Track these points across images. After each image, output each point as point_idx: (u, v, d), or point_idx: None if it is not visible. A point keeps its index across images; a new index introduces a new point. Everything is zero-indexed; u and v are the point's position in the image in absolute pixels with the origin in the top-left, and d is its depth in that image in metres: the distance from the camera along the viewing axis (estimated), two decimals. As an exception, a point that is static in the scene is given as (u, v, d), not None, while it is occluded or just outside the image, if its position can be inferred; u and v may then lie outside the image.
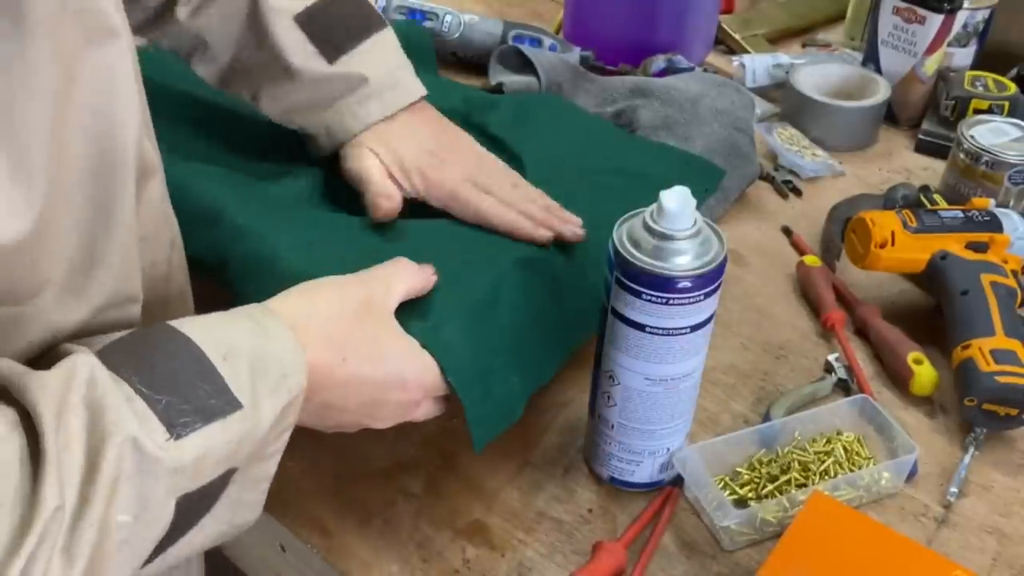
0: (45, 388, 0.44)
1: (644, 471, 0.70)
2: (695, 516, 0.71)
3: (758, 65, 1.19)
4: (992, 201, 0.91)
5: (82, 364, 0.45)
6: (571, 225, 0.76)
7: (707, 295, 0.62)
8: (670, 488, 0.71)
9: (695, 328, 0.63)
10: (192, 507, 0.48)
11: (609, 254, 0.63)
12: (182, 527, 0.49)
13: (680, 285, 0.60)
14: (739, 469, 0.72)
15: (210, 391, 0.48)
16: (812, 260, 0.91)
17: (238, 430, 0.48)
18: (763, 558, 0.64)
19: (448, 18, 1.21)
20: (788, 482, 0.71)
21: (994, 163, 0.95)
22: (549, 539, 0.69)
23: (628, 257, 0.61)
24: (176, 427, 0.46)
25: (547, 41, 1.19)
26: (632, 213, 0.64)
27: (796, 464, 0.72)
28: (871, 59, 1.16)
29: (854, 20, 1.32)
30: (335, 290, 0.60)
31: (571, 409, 0.78)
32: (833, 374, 0.81)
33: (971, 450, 0.75)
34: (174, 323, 0.50)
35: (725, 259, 0.62)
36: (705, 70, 1.20)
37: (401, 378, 0.60)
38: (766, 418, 0.77)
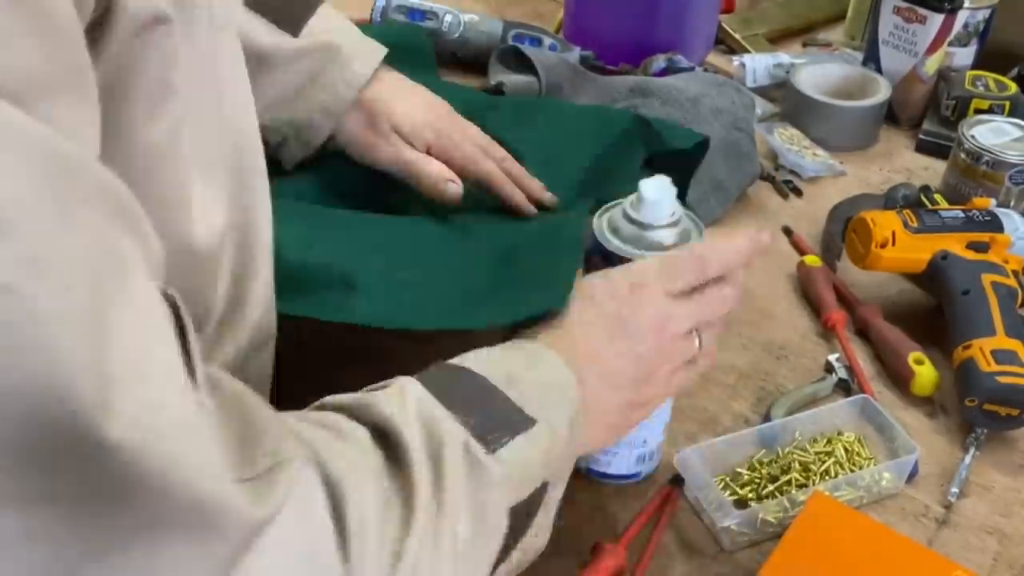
0: (389, 405, 0.47)
1: (621, 462, 0.70)
2: (695, 516, 0.71)
3: (758, 65, 1.19)
4: (993, 201, 0.91)
5: (410, 385, 0.49)
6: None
7: None
8: (670, 488, 0.71)
9: None
10: (520, 522, 0.51)
11: (590, 247, 0.64)
12: (508, 547, 0.51)
13: None
14: (739, 469, 0.72)
15: (506, 411, 0.51)
16: (813, 260, 0.91)
17: (542, 441, 0.51)
18: (763, 558, 0.64)
19: (448, 18, 1.21)
20: (788, 482, 0.71)
21: (995, 163, 0.95)
22: (550, 539, 0.69)
23: (610, 248, 0.62)
24: (490, 442, 0.49)
25: (547, 41, 1.19)
26: (611, 204, 0.65)
27: (796, 464, 0.72)
28: (871, 59, 1.16)
29: (854, 20, 1.32)
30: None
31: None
32: (834, 374, 0.81)
33: (972, 450, 0.75)
34: (452, 361, 0.54)
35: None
36: (705, 70, 1.19)
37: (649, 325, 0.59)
38: (766, 418, 0.77)
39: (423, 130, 0.82)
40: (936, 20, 1.08)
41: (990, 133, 0.98)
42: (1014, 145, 0.96)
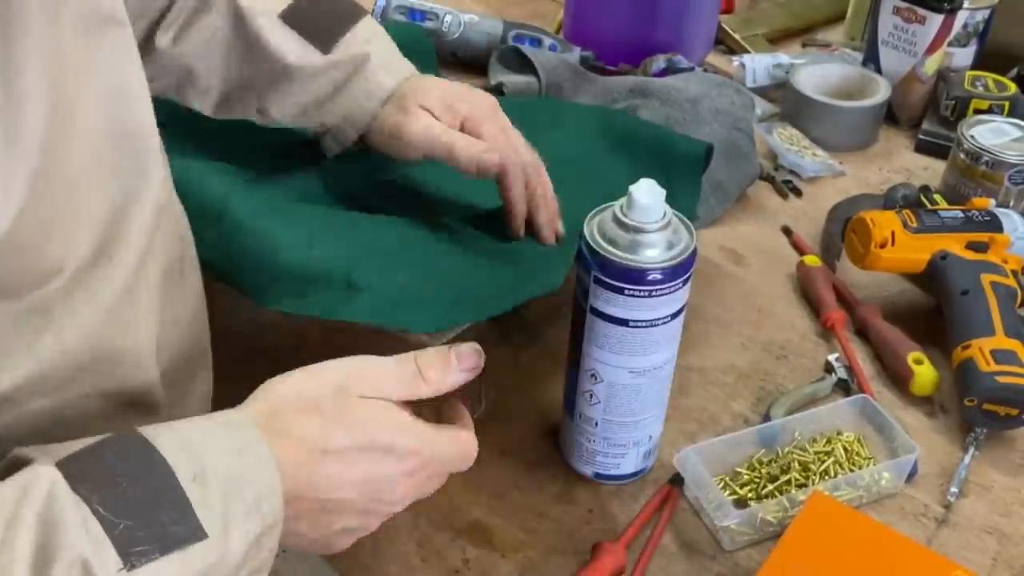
0: (6, 504, 0.41)
1: (629, 462, 0.71)
2: (695, 516, 0.71)
3: (758, 65, 1.19)
4: (992, 201, 0.91)
5: (43, 477, 0.42)
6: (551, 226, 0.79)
7: (684, 282, 0.63)
8: (670, 488, 0.71)
9: (675, 315, 0.64)
10: None
11: (585, 256, 0.63)
12: None
13: (661, 276, 0.61)
14: (739, 469, 0.72)
15: (175, 517, 0.44)
16: (812, 260, 0.91)
17: (202, 562, 0.44)
18: (763, 558, 0.64)
19: (448, 18, 1.21)
20: (788, 482, 0.71)
21: (994, 163, 0.95)
22: (549, 539, 0.69)
23: (607, 256, 0.61)
24: (131, 556, 0.42)
25: (547, 41, 1.19)
26: (597, 210, 0.64)
27: (796, 464, 0.72)
28: (871, 59, 1.16)
29: (854, 20, 1.32)
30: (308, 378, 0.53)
31: (571, 409, 0.78)
32: (833, 374, 0.81)
33: (971, 450, 0.75)
34: (148, 431, 0.46)
35: (695, 245, 0.63)
36: (705, 70, 1.20)
37: (390, 444, 0.52)
38: (766, 418, 0.77)
39: (457, 104, 0.77)
40: (936, 20, 1.08)
41: (989, 133, 0.98)
42: (1013, 145, 0.96)
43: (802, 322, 0.88)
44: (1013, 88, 1.09)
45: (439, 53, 1.16)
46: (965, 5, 1.12)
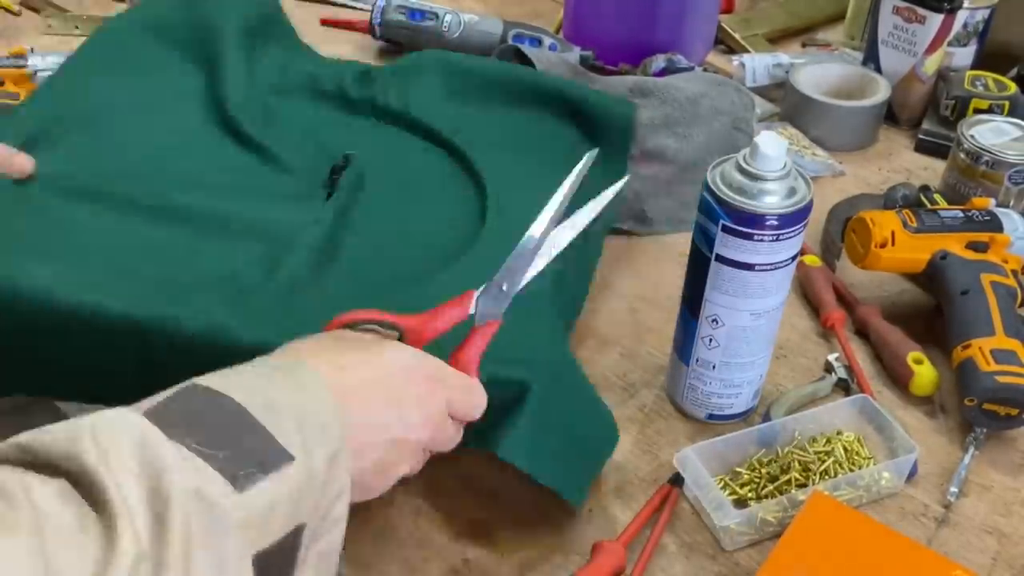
0: (93, 452, 0.41)
1: (743, 401, 0.77)
2: (695, 516, 0.71)
3: (758, 65, 1.19)
4: (992, 201, 0.91)
5: (132, 425, 0.43)
6: None
7: (804, 225, 0.68)
8: (670, 487, 0.71)
9: (794, 258, 0.70)
10: (271, 569, 0.46)
11: (711, 207, 0.67)
12: None
13: (786, 220, 0.66)
14: (739, 469, 0.72)
15: (260, 445, 0.47)
16: (812, 260, 0.91)
17: (296, 481, 0.47)
18: (763, 558, 0.64)
19: (448, 17, 1.21)
20: (788, 482, 0.71)
21: (994, 163, 0.95)
22: (549, 539, 0.69)
23: (738, 204, 0.66)
24: (238, 479, 0.44)
25: (547, 41, 1.19)
26: (718, 162, 0.69)
27: (796, 464, 0.72)
28: (871, 59, 1.16)
29: (854, 20, 1.32)
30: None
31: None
32: (833, 374, 0.81)
33: (971, 450, 0.75)
34: (203, 380, 0.49)
35: (812, 192, 0.68)
36: (705, 70, 1.20)
37: (408, 364, 0.57)
38: (766, 418, 0.77)
39: None
40: (935, 20, 1.08)
41: (989, 133, 0.98)
42: (1013, 145, 0.96)
43: (802, 322, 0.88)
44: (1013, 88, 1.09)
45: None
46: (965, 5, 1.12)
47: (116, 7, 1.33)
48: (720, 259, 0.69)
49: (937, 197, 0.95)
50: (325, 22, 1.31)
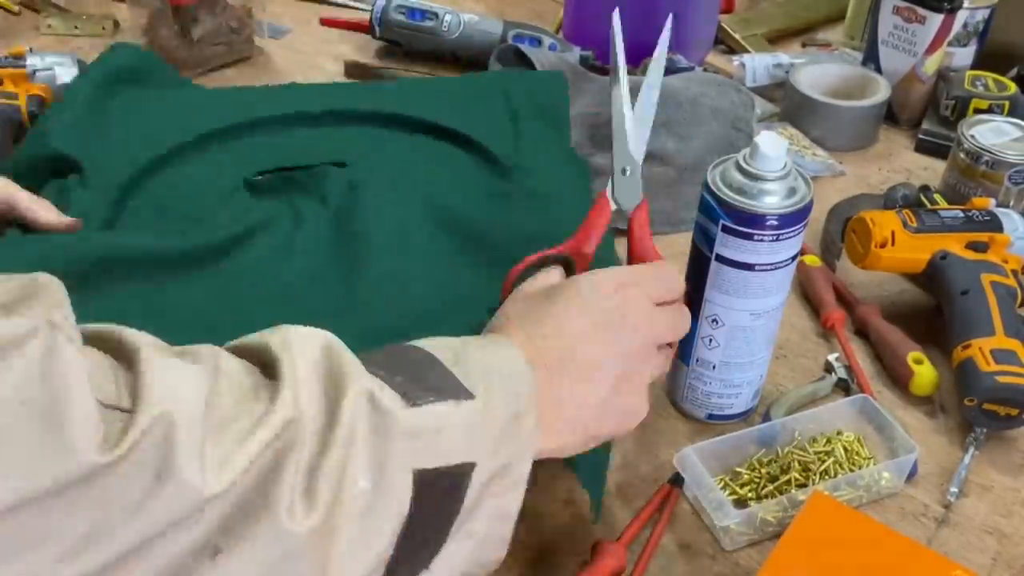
0: (279, 341, 0.45)
1: (743, 401, 0.76)
2: (695, 516, 0.71)
3: (758, 65, 1.19)
4: (992, 201, 0.90)
5: (322, 335, 0.47)
6: None
7: (804, 225, 0.68)
8: (670, 488, 0.71)
9: (794, 258, 0.70)
10: (433, 498, 0.47)
11: (712, 207, 0.67)
12: (426, 539, 0.47)
13: (786, 220, 0.66)
14: (739, 469, 0.72)
15: (441, 380, 0.49)
16: (812, 260, 0.91)
17: (471, 416, 0.48)
18: (763, 558, 0.64)
19: (448, 17, 1.21)
20: (788, 482, 0.71)
21: (994, 163, 0.95)
22: (549, 539, 0.69)
23: (738, 204, 0.66)
24: (411, 397, 0.46)
25: (547, 41, 1.19)
26: (718, 162, 0.69)
27: (796, 464, 0.72)
28: (871, 59, 1.16)
29: (854, 20, 1.32)
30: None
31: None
32: (833, 374, 0.81)
33: (971, 450, 0.75)
34: (400, 345, 0.52)
35: (812, 192, 0.68)
36: (705, 70, 1.20)
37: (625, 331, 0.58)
38: (766, 418, 0.77)
39: None
40: (936, 20, 1.08)
41: (989, 133, 0.98)
42: (1013, 145, 0.96)
43: (802, 322, 0.88)
44: (1013, 88, 1.09)
45: (439, 53, 1.16)
46: (965, 5, 1.12)
47: (115, 7, 1.33)
48: (720, 259, 0.69)
49: (937, 197, 0.95)
50: (325, 22, 1.31)
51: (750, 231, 0.67)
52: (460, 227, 0.84)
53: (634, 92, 1.04)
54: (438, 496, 0.47)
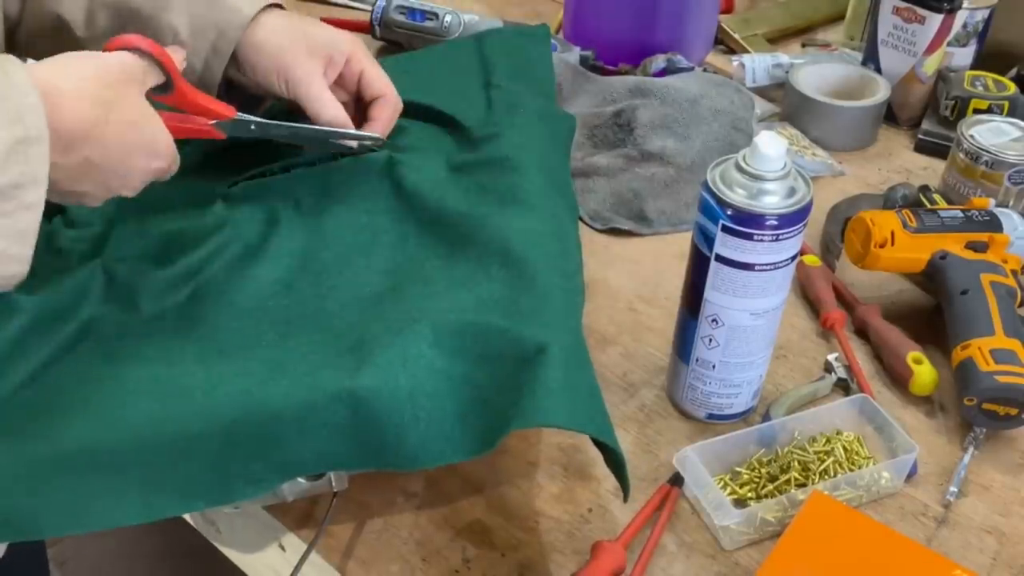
0: None
1: (742, 401, 0.77)
2: (695, 516, 0.71)
3: (758, 65, 1.19)
4: (992, 201, 0.91)
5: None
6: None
7: (804, 225, 0.68)
8: (670, 487, 0.71)
9: (794, 258, 0.70)
10: None
11: (711, 207, 0.68)
12: None
13: (786, 220, 0.66)
14: (739, 469, 0.72)
15: None
16: (812, 260, 0.91)
17: None
18: (763, 558, 0.64)
19: (448, 18, 1.21)
20: (788, 482, 0.71)
21: (994, 163, 0.96)
22: (549, 539, 0.69)
23: (738, 204, 0.66)
24: None
25: (547, 41, 1.19)
26: (717, 162, 0.69)
27: (796, 464, 0.72)
28: (871, 59, 1.16)
29: (854, 20, 1.32)
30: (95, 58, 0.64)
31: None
32: (833, 374, 0.81)
33: (971, 450, 0.75)
34: None
35: (812, 191, 0.68)
36: (705, 70, 1.20)
37: (155, 145, 0.66)
38: (766, 418, 0.77)
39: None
40: (935, 20, 1.08)
41: (989, 133, 0.98)
42: (1013, 145, 0.96)
43: (801, 322, 0.88)
44: (1013, 88, 1.09)
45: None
46: (965, 5, 1.12)
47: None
48: (720, 259, 0.69)
49: (937, 197, 0.95)
50: (325, 22, 1.30)
51: (750, 231, 0.67)
52: (423, 215, 0.78)
53: (634, 91, 1.05)
54: None
